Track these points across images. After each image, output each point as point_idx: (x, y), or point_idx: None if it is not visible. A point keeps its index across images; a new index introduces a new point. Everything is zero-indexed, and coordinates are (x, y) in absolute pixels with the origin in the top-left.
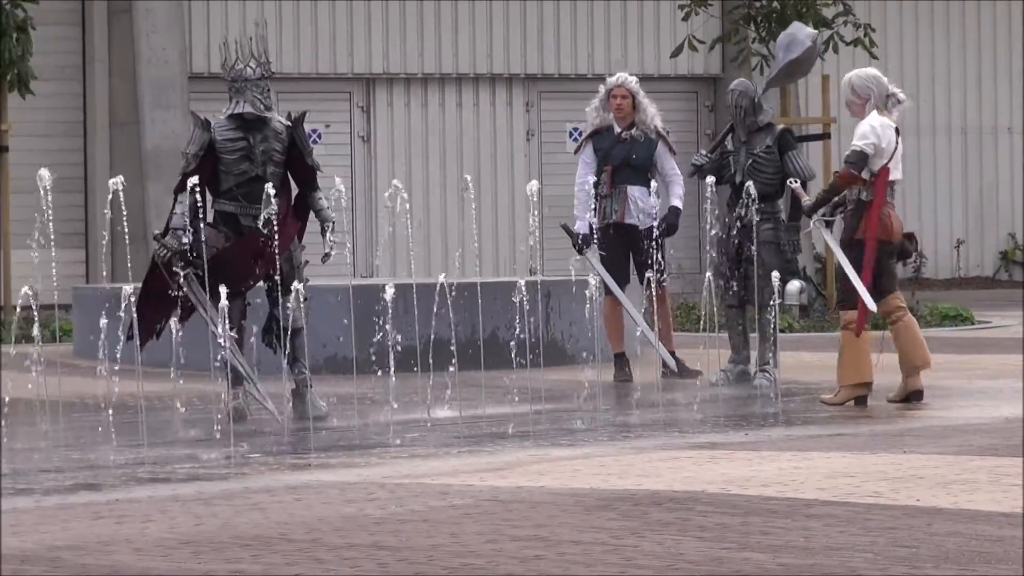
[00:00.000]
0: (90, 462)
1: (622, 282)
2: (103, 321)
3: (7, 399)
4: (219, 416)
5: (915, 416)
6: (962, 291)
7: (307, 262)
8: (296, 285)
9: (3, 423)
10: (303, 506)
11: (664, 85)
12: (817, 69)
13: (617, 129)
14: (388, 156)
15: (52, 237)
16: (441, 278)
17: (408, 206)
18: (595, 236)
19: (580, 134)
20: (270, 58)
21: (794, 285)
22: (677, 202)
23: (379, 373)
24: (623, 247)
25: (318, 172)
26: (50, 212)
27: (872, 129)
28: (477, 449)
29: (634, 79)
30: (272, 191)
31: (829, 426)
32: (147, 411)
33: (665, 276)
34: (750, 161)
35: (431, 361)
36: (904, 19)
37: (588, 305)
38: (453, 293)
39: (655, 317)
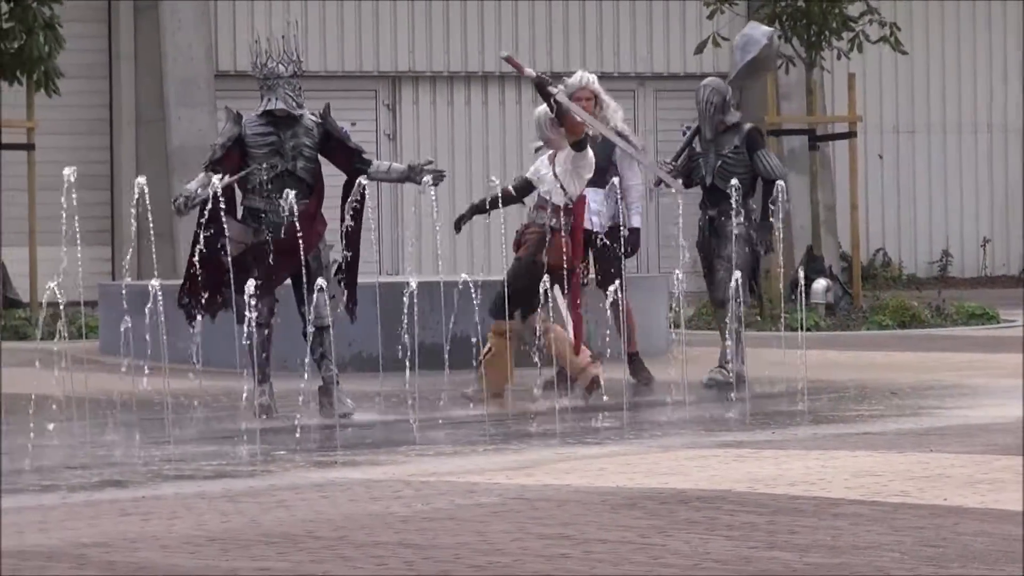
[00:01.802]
0: (116, 459)
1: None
2: (127, 319)
3: (33, 396)
4: (245, 412)
5: (941, 415)
6: (988, 290)
7: (335, 261)
8: (321, 282)
9: (2, 424)
10: (329, 504)
11: (689, 83)
12: (843, 67)
13: None
14: (414, 154)
15: (78, 234)
16: (464, 276)
17: (434, 203)
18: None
19: None
20: (301, 56)
21: (820, 284)
22: (636, 220)
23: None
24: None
25: (363, 153)
26: (76, 209)
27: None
28: (503, 447)
29: (594, 78)
30: (292, 199)
31: (856, 425)
32: (173, 408)
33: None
34: (719, 163)
35: (447, 358)
36: (930, 16)
37: (611, 302)
38: (479, 290)
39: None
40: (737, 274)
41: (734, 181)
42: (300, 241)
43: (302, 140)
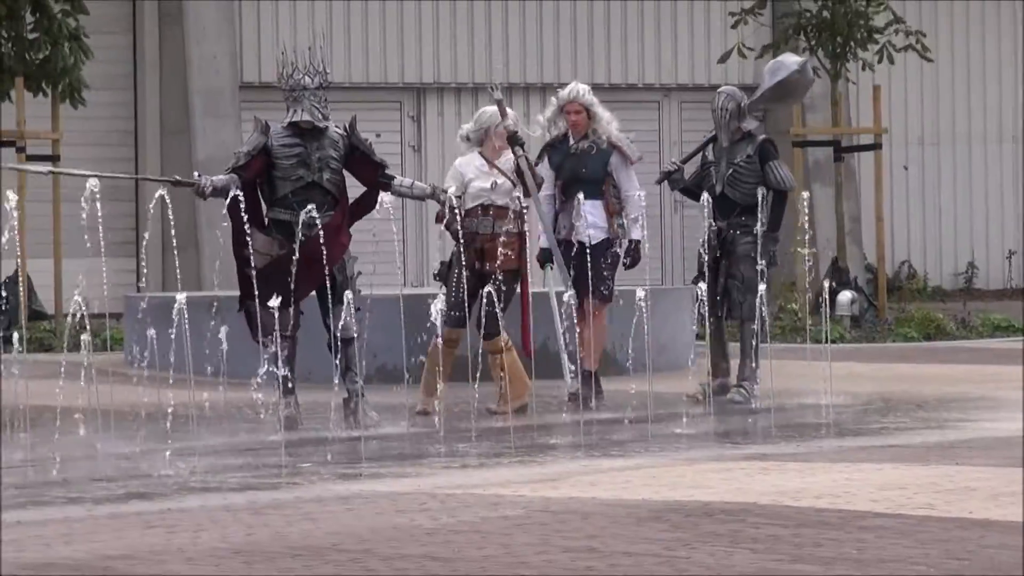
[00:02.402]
0: (142, 471)
1: (584, 295)
2: (151, 330)
3: (58, 408)
4: (270, 425)
5: (966, 427)
6: (1013, 302)
7: (360, 273)
8: (348, 295)
9: (2, 432)
10: (354, 516)
11: (713, 94)
12: (868, 78)
13: (571, 141)
14: (439, 166)
15: (102, 246)
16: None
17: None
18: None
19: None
20: (327, 68)
21: (845, 296)
22: (636, 233)
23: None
24: (583, 262)
25: (386, 168)
26: (101, 221)
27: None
28: (528, 459)
29: (586, 89)
30: (315, 213)
31: (881, 437)
32: (198, 420)
33: (607, 293)
34: (730, 171)
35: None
36: (955, 27)
37: (639, 315)
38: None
39: (588, 333)
40: (751, 295)
41: (761, 190)
42: (324, 253)
43: (328, 152)
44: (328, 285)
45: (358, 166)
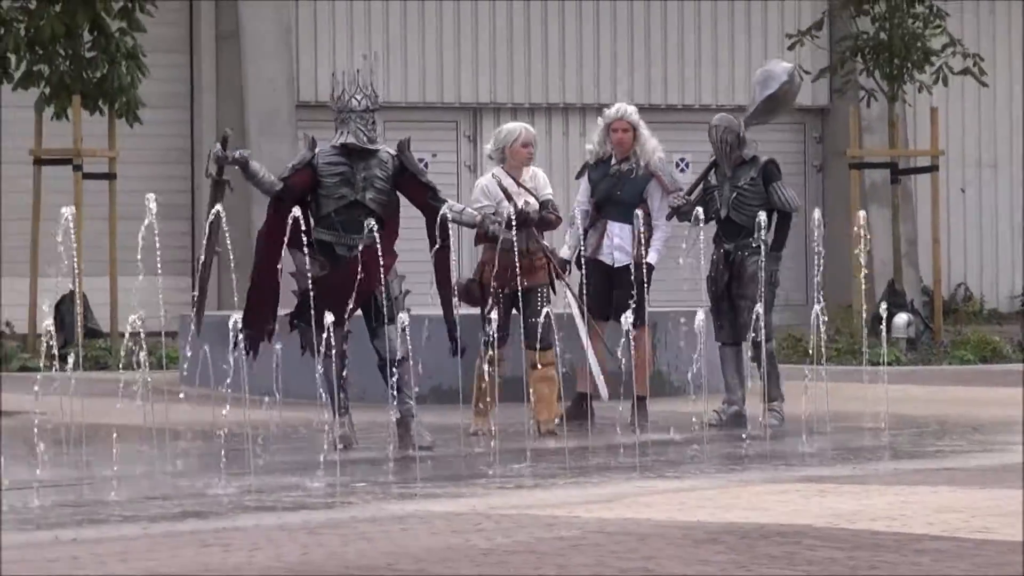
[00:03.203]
0: (197, 490)
1: (599, 315)
2: (207, 348)
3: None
4: (326, 444)
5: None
6: None
7: (408, 292)
8: (403, 316)
9: (2, 444)
10: (410, 536)
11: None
12: (925, 100)
13: (613, 160)
14: None
15: (159, 264)
16: (546, 309)
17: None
18: (569, 266)
19: (688, 165)
20: (377, 90)
21: (901, 318)
22: (652, 258)
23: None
24: (604, 281)
25: (437, 191)
26: (157, 239)
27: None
28: (583, 480)
29: (634, 110)
30: (372, 223)
31: (937, 460)
32: (253, 439)
33: (639, 317)
34: (734, 194)
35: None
36: (1012, 48)
37: (695, 337)
38: (562, 330)
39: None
40: (759, 309)
41: (761, 215)
42: (367, 274)
43: (374, 172)
44: (373, 306)
45: (408, 187)
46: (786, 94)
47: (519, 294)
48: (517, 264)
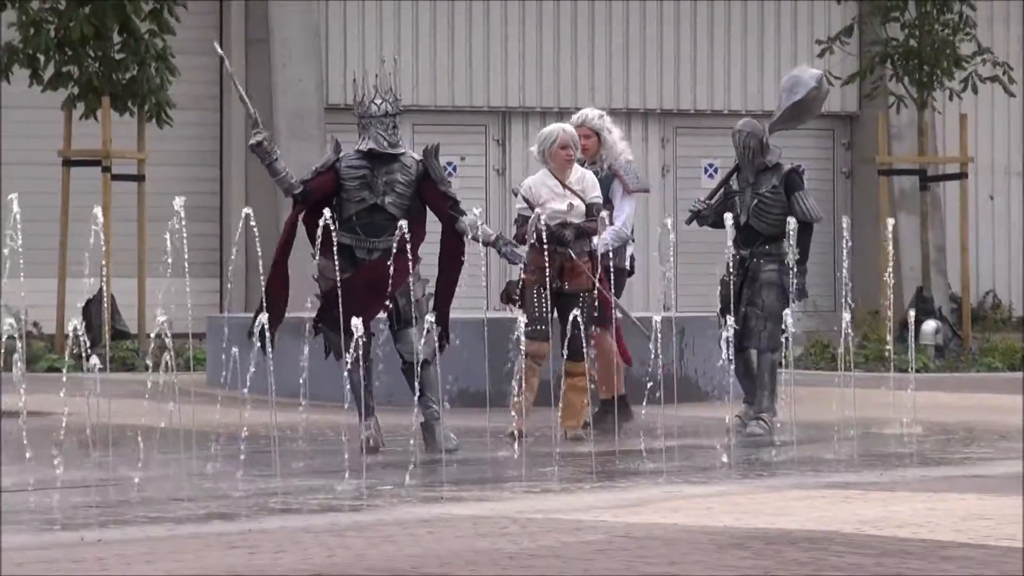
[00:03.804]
0: (223, 491)
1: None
2: (235, 350)
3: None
4: (351, 447)
5: None
6: None
7: (431, 294)
8: (429, 319)
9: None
10: (435, 539)
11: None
12: (954, 108)
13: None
14: None
15: (186, 265)
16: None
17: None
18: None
19: (716, 170)
20: (399, 94)
21: (930, 325)
22: (601, 248)
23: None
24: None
25: (457, 203)
26: (185, 241)
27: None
28: (610, 485)
29: (598, 114)
30: (404, 224)
31: (964, 467)
32: (279, 441)
33: (602, 317)
34: (755, 201)
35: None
36: None
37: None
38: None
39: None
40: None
41: (791, 222)
42: (388, 277)
43: (396, 176)
44: (396, 309)
45: (427, 193)
46: (814, 100)
47: (560, 296)
48: (547, 265)
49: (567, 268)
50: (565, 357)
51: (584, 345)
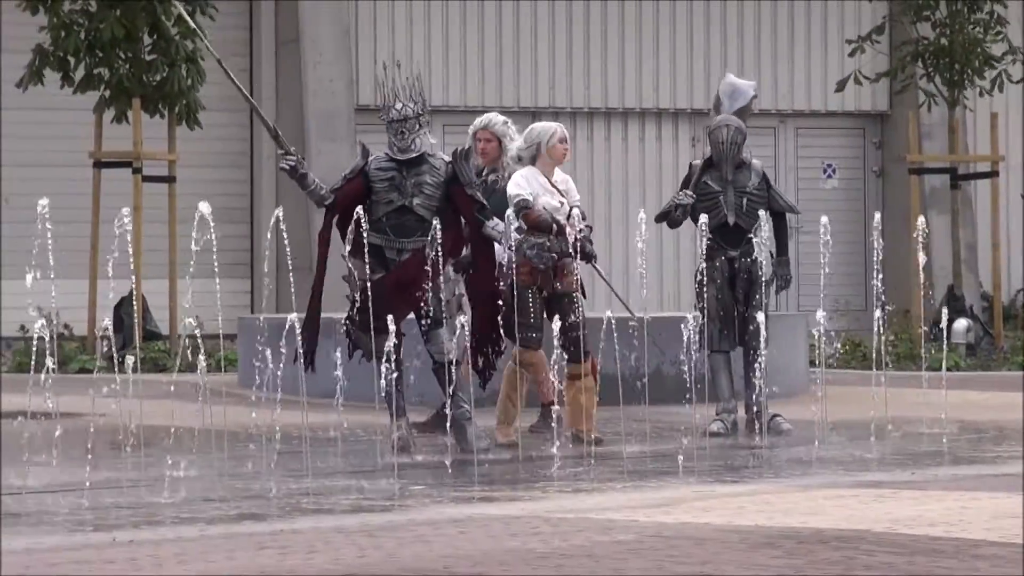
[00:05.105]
0: (254, 492)
1: None
2: (267, 351)
3: (172, 427)
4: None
5: None
6: None
7: (462, 295)
8: (461, 319)
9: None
10: (467, 539)
11: (831, 121)
12: (985, 106)
13: (485, 172)
14: None
15: (216, 267)
16: (608, 313)
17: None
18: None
19: None
20: (421, 94)
21: (961, 323)
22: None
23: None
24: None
25: (484, 207)
26: (216, 242)
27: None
28: (641, 484)
29: (501, 120)
30: (437, 223)
31: (995, 466)
32: (311, 441)
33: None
34: (744, 200)
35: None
36: None
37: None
38: (632, 329)
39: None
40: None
41: (762, 213)
42: (418, 277)
43: (424, 178)
44: (424, 310)
45: (455, 195)
46: (750, 108)
47: (551, 296)
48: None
49: (558, 268)
50: (573, 361)
51: (584, 346)
